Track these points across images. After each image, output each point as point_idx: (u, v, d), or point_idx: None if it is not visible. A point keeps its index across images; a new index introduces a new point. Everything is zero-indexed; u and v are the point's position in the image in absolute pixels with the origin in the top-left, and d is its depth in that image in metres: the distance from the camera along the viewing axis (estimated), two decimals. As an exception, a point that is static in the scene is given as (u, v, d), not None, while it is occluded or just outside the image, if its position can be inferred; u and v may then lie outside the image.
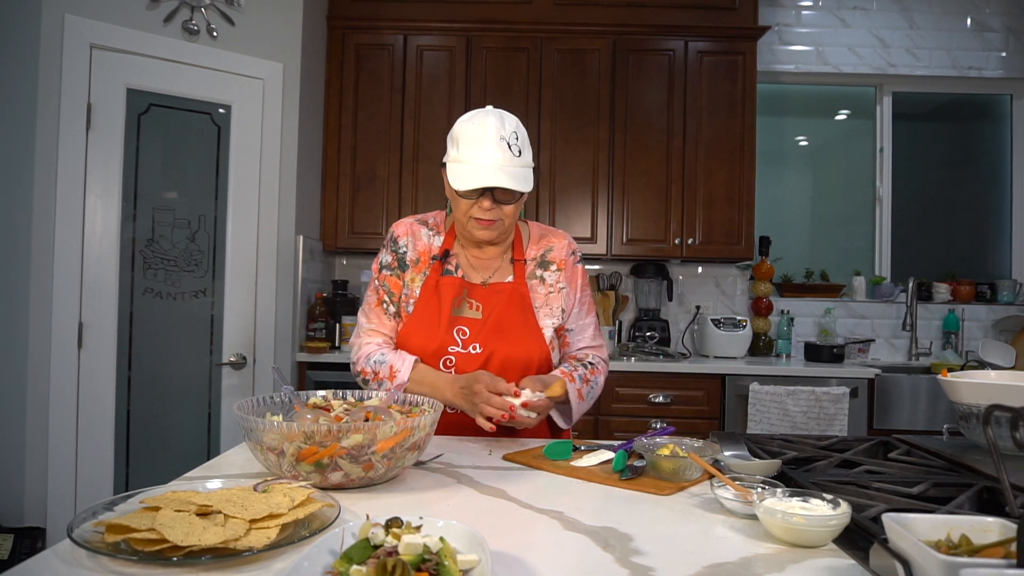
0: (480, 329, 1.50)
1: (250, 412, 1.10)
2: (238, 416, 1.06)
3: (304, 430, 1.01)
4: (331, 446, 1.01)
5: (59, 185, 2.47)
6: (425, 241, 1.58)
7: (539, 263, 1.59)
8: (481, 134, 1.40)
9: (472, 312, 1.52)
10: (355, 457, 1.03)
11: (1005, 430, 1.17)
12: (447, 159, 1.46)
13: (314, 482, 1.01)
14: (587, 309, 1.65)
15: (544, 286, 1.58)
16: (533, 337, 1.52)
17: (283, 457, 1.02)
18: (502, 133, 1.41)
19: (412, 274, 1.56)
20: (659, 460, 1.15)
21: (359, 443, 1.02)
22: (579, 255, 1.65)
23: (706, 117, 3.44)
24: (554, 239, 1.63)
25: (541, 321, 1.54)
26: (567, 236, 1.66)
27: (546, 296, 1.57)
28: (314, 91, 3.28)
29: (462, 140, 1.42)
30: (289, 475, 1.03)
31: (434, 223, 1.61)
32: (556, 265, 1.59)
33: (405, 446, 1.07)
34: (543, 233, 1.64)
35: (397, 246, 1.58)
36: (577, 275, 1.62)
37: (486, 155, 1.39)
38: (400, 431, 1.04)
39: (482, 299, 1.52)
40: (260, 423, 1.02)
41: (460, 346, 1.49)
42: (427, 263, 1.56)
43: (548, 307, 1.56)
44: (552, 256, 1.60)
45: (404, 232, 1.59)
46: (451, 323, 1.50)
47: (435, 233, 1.60)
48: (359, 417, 1.12)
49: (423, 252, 1.57)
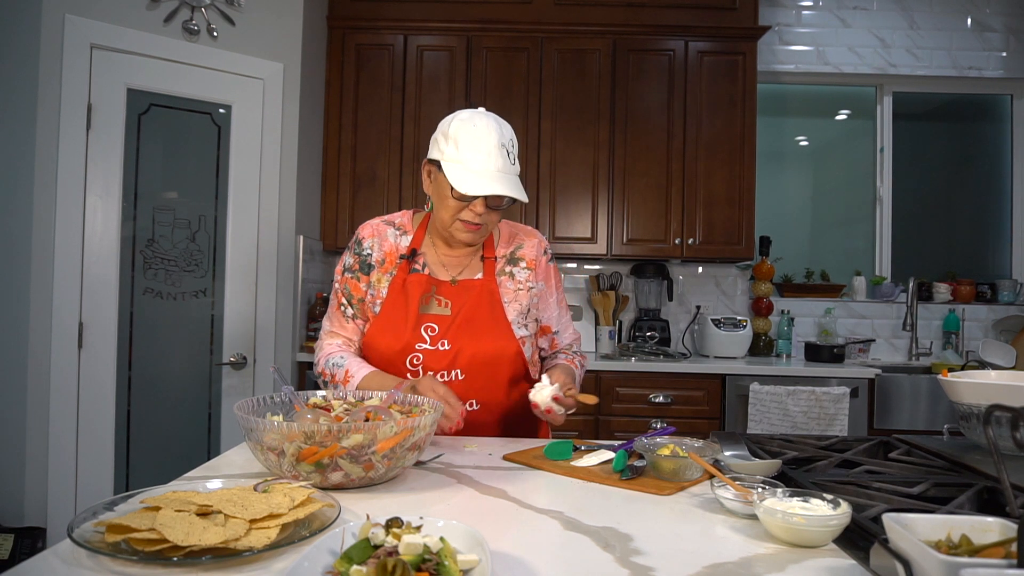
0: (449, 326, 1.49)
1: (250, 412, 1.10)
2: (238, 416, 1.06)
3: (304, 430, 1.01)
4: (331, 446, 1.01)
5: (59, 185, 2.47)
6: (391, 241, 1.58)
7: (508, 260, 1.59)
8: (484, 137, 1.39)
9: (441, 309, 1.51)
10: (355, 457, 1.02)
11: (1005, 430, 1.17)
12: (442, 158, 1.43)
13: (314, 482, 1.01)
14: (564, 307, 1.70)
15: (513, 282, 1.57)
16: (502, 332, 1.52)
17: (283, 457, 1.02)
18: (502, 140, 1.40)
19: (378, 275, 1.55)
20: (659, 460, 1.15)
21: (359, 443, 1.01)
22: (551, 254, 1.65)
23: (706, 117, 3.44)
24: (524, 237, 1.63)
25: (509, 315, 1.54)
26: (538, 234, 1.65)
27: (515, 292, 1.57)
28: (314, 91, 3.28)
29: (463, 142, 1.40)
30: (289, 475, 1.03)
31: (401, 223, 1.61)
32: (526, 263, 1.59)
33: (405, 446, 1.07)
34: (514, 231, 1.64)
35: (361, 248, 1.57)
36: (551, 274, 1.64)
37: (490, 160, 1.38)
38: (400, 431, 1.04)
39: (451, 296, 1.52)
40: (260, 423, 1.02)
41: (428, 343, 1.48)
42: (394, 263, 1.55)
43: (517, 303, 1.56)
44: (522, 253, 1.60)
45: (369, 233, 1.58)
46: (419, 320, 1.49)
47: (402, 233, 1.59)
48: (359, 417, 1.12)
49: (389, 252, 1.56)
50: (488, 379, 1.51)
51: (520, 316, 1.56)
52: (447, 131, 1.43)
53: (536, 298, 1.60)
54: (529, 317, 1.59)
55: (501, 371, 1.52)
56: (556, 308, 1.66)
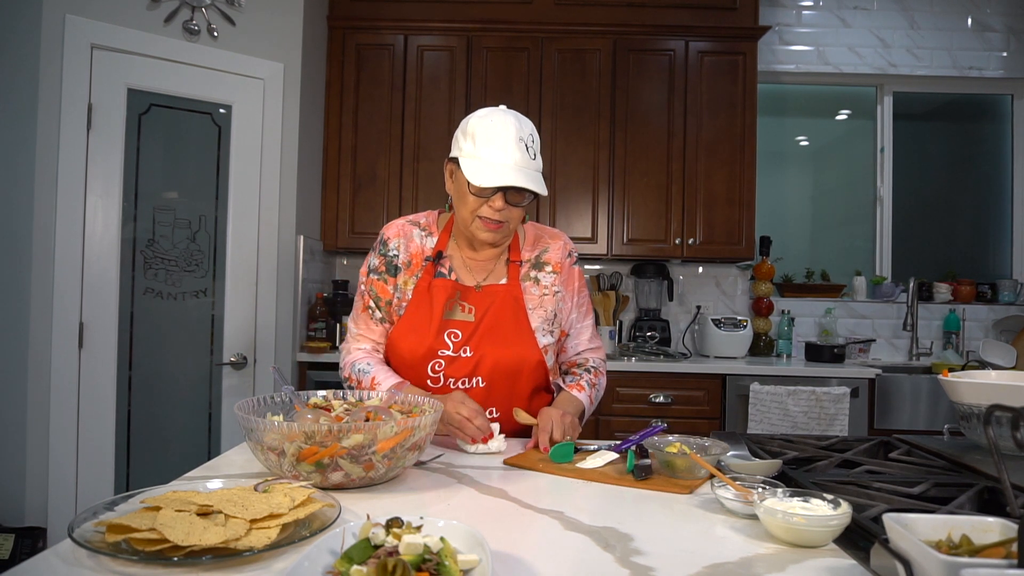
0: (472, 332, 1.47)
1: (251, 412, 1.10)
2: (239, 416, 1.06)
3: (304, 430, 1.01)
4: (332, 446, 1.01)
5: (60, 185, 2.47)
6: (417, 242, 1.55)
7: (534, 264, 1.56)
8: (501, 132, 1.38)
9: (464, 315, 1.49)
10: (356, 457, 1.02)
11: (1006, 430, 1.17)
12: (460, 154, 1.41)
13: (315, 482, 1.01)
14: (585, 311, 1.63)
15: (538, 287, 1.55)
16: (525, 340, 1.49)
17: (284, 457, 1.02)
18: (520, 134, 1.39)
19: (405, 277, 1.52)
20: (672, 459, 1.15)
21: (360, 443, 1.02)
22: (575, 256, 1.62)
23: (706, 117, 3.44)
24: (550, 240, 1.60)
25: (533, 323, 1.52)
26: (564, 237, 1.63)
27: (540, 298, 1.54)
28: (314, 91, 3.28)
29: (480, 136, 1.38)
30: (290, 475, 1.03)
31: (426, 223, 1.58)
32: (551, 267, 1.57)
33: (406, 446, 1.07)
34: (539, 234, 1.61)
35: (387, 249, 1.55)
36: (574, 278, 1.60)
37: (507, 154, 1.37)
38: (401, 431, 1.04)
39: (475, 302, 1.50)
40: (261, 423, 1.02)
41: (451, 349, 1.47)
42: (420, 265, 1.53)
43: (542, 308, 1.54)
44: (547, 257, 1.57)
45: (395, 234, 1.55)
46: (442, 326, 1.47)
47: (427, 234, 1.56)
48: (359, 417, 1.12)
49: (415, 254, 1.54)
50: (509, 388, 1.49)
51: (545, 323, 1.53)
52: (466, 128, 1.42)
53: (561, 303, 1.57)
54: (555, 323, 1.56)
55: (522, 380, 1.50)
56: (575, 312, 1.61)
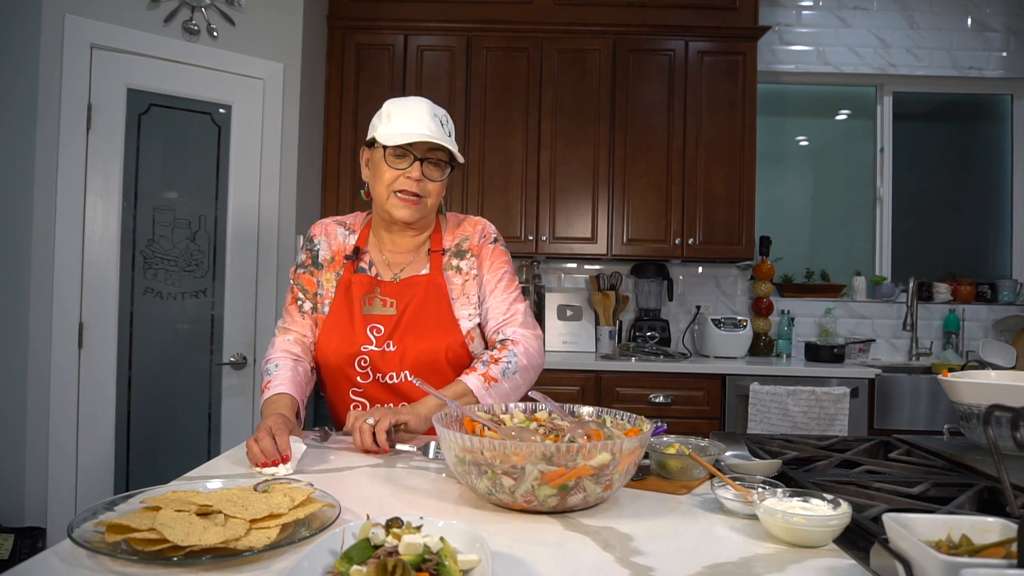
0: (395, 326, 1.47)
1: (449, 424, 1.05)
2: (453, 441, 0.96)
3: (543, 451, 0.92)
4: (581, 466, 0.93)
5: (59, 185, 2.47)
6: (340, 240, 1.58)
7: (455, 253, 1.57)
8: (415, 108, 1.45)
9: (385, 309, 1.49)
10: (598, 477, 0.96)
11: (1005, 430, 1.17)
12: (375, 133, 1.46)
13: (549, 507, 0.95)
14: (503, 284, 1.56)
15: (460, 275, 1.55)
16: (447, 330, 1.48)
17: (521, 481, 0.93)
18: (434, 111, 1.46)
19: (327, 274, 1.55)
20: (667, 459, 1.15)
21: (605, 462, 0.94)
22: (493, 236, 1.59)
23: (706, 117, 3.44)
24: (469, 227, 1.60)
25: (458, 312, 1.51)
26: (483, 221, 1.62)
27: (463, 286, 1.54)
28: (314, 91, 3.28)
29: (394, 114, 1.44)
30: (523, 500, 0.95)
31: (351, 223, 1.61)
32: (471, 251, 1.57)
33: (635, 461, 1.01)
34: (459, 222, 1.61)
35: (312, 244, 1.58)
36: (487, 255, 1.56)
37: (421, 123, 1.43)
38: (637, 447, 0.98)
39: (395, 295, 1.50)
40: (507, 445, 0.92)
41: (374, 344, 1.47)
42: (341, 262, 1.55)
43: (465, 296, 1.53)
44: (468, 244, 1.58)
45: (319, 232, 1.59)
46: (364, 321, 1.47)
47: (350, 232, 1.59)
48: (577, 434, 1.06)
49: (337, 251, 1.57)
50: (437, 379, 1.45)
51: (472, 308, 1.53)
52: (380, 112, 1.48)
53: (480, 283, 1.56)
54: (481, 308, 1.55)
55: (446, 367, 1.48)
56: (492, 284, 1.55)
